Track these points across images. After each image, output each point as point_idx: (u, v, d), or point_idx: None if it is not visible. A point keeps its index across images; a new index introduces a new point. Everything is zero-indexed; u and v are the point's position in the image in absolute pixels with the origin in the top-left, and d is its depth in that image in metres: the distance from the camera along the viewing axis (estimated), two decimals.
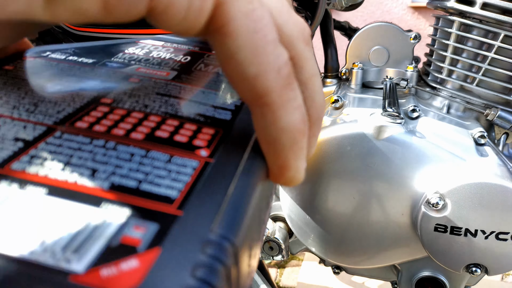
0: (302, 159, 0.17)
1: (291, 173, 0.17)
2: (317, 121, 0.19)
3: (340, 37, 0.80)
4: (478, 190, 0.49)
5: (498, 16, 0.54)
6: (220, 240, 0.12)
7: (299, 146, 0.16)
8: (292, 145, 0.16)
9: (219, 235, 0.12)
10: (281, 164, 0.17)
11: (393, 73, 0.67)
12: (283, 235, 0.63)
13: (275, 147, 0.16)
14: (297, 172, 0.17)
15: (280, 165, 0.17)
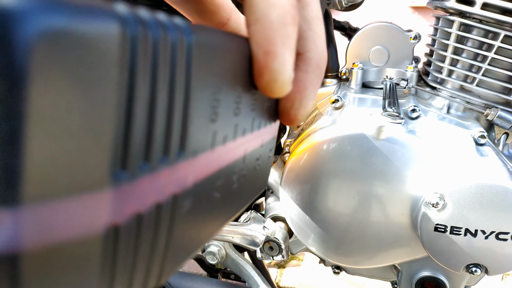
0: (290, 51, 0.16)
1: (276, 63, 0.16)
2: (317, 68, 0.19)
3: (340, 37, 0.80)
4: (478, 190, 0.49)
5: (498, 16, 0.54)
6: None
7: (288, 32, 0.16)
8: (281, 25, 0.15)
9: None
10: (267, 49, 0.16)
11: (393, 73, 0.67)
12: (283, 235, 0.63)
13: (263, 24, 0.15)
14: (283, 66, 0.16)
15: (266, 50, 0.16)
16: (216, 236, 0.39)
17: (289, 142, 0.66)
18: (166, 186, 0.12)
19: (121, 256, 0.11)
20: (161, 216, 0.12)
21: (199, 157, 0.14)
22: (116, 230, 0.10)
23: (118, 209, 0.10)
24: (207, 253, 0.72)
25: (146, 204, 0.11)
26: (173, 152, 0.12)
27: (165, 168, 0.12)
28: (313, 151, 0.55)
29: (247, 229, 0.41)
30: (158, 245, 0.12)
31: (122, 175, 0.10)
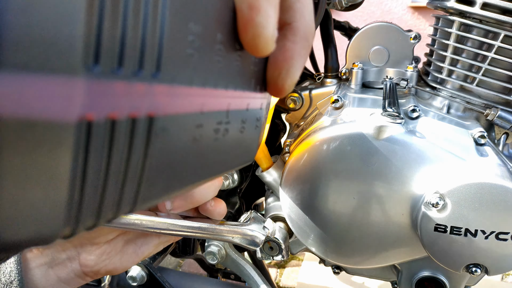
0: (273, 8, 0.17)
1: (260, 18, 0.16)
2: (304, 38, 0.19)
3: (340, 37, 0.80)
4: (478, 190, 0.49)
5: (498, 16, 0.54)
6: None
7: None
8: None
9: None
10: (251, 3, 0.16)
11: (393, 73, 0.67)
12: (283, 235, 0.63)
13: None
14: (267, 21, 0.16)
15: (250, 4, 0.16)
16: (216, 236, 0.39)
17: (289, 142, 0.66)
18: (141, 102, 0.12)
19: (94, 156, 0.11)
20: (136, 132, 0.13)
21: (176, 88, 0.14)
22: (89, 125, 0.11)
23: (91, 102, 0.10)
24: (207, 253, 0.72)
25: (120, 110, 0.12)
26: (148, 69, 0.12)
27: (140, 82, 0.12)
28: (313, 151, 0.55)
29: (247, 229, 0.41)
30: (133, 161, 0.13)
31: (95, 69, 0.10)
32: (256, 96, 0.22)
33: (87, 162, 0.11)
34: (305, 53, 0.20)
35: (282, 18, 0.19)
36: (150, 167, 0.14)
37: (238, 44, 0.18)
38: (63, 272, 0.36)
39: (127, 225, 0.35)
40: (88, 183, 0.11)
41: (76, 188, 0.11)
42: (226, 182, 0.70)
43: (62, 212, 0.11)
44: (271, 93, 0.21)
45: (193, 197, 0.37)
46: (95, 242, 0.37)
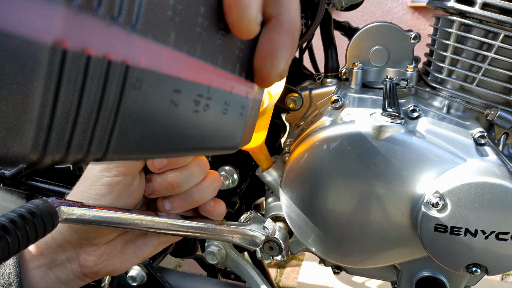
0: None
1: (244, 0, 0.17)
2: (289, 31, 0.20)
3: (340, 37, 0.80)
4: (478, 190, 0.49)
5: (498, 16, 0.54)
6: None
7: None
8: None
9: None
10: None
11: (393, 73, 0.67)
12: (283, 235, 0.63)
13: None
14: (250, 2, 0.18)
15: None
16: (216, 236, 0.39)
17: (289, 142, 0.66)
18: (118, 47, 0.13)
19: (67, 85, 0.11)
20: (111, 75, 0.13)
21: (155, 44, 0.15)
22: (64, 53, 0.11)
23: (67, 30, 0.11)
24: (207, 253, 0.72)
25: (96, 48, 0.12)
26: (127, 17, 0.13)
27: (117, 27, 0.13)
28: (313, 151, 0.55)
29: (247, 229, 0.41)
30: (106, 104, 0.13)
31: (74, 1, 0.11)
32: (242, 82, 0.22)
33: (59, 90, 0.11)
34: (290, 45, 0.21)
35: (268, 11, 0.20)
36: (124, 116, 0.14)
37: (224, 24, 0.19)
38: (62, 273, 0.36)
39: (127, 225, 0.35)
40: (58, 111, 0.12)
41: (46, 112, 0.11)
42: (226, 182, 0.70)
43: (30, 134, 0.11)
44: (258, 82, 0.22)
45: (192, 197, 0.37)
46: (95, 243, 0.37)
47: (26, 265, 0.35)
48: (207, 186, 0.38)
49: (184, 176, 0.36)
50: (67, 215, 0.32)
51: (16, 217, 0.27)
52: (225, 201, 0.41)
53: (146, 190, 0.37)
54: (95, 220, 0.33)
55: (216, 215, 0.39)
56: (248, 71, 0.22)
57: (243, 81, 0.22)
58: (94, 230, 0.36)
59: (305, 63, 0.85)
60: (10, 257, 0.26)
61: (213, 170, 0.40)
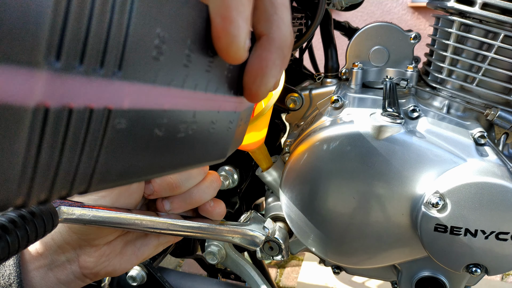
0: (245, 20, 0.18)
1: (232, 28, 0.18)
2: (279, 49, 0.21)
3: (340, 37, 0.80)
4: (478, 190, 0.49)
5: (498, 16, 0.54)
6: None
7: (243, 2, 0.18)
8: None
9: None
10: (224, 14, 0.18)
11: (393, 73, 0.67)
12: (283, 235, 0.63)
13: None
14: (238, 31, 0.18)
15: (223, 15, 0.18)
16: (216, 236, 0.39)
17: (289, 142, 0.66)
18: (100, 96, 0.14)
19: (50, 138, 0.13)
20: (93, 121, 0.14)
21: (138, 85, 0.15)
22: (46, 111, 0.12)
23: (49, 92, 0.12)
24: (207, 253, 0.72)
25: (78, 102, 0.13)
26: (109, 68, 0.14)
27: (99, 79, 0.13)
28: (313, 151, 0.55)
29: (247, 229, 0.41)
30: (88, 146, 0.14)
31: (55, 64, 0.12)
32: (230, 99, 0.23)
33: (42, 142, 0.12)
34: (280, 63, 0.21)
35: (259, 29, 0.21)
36: (106, 153, 0.15)
37: (212, 50, 0.19)
38: (62, 274, 0.36)
39: (127, 225, 0.35)
40: (41, 160, 0.13)
41: (29, 163, 0.12)
42: (226, 182, 0.70)
43: (14, 182, 0.12)
44: (247, 98, 0.23)
45: (192, 198, 0.37)
46: (94, 244, 0.37)
47: (26, 266, 0.35)
48: (207, 187, 0.38)
49: (183, 176, 0.36)
50: (67, 215, 0.32)
51: (16, 217, 0.27)
52: (225, 201, 0.41)
53: (146, 191, 0.37)
54: (95, 220, 0.33)
55: (216, 215, 0.39)
56: (238, 86, 0.23)
57: (232, 98, 0.23)
58: (94, 231, 0.36)
59: (305, 63, 0.85)
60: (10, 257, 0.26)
61: (213, 171, 0.40)
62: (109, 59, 0.14)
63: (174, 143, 0.19)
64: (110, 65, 0.14)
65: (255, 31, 0.21)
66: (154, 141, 0.18)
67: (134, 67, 0.15)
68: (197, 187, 0.37)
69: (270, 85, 0.21)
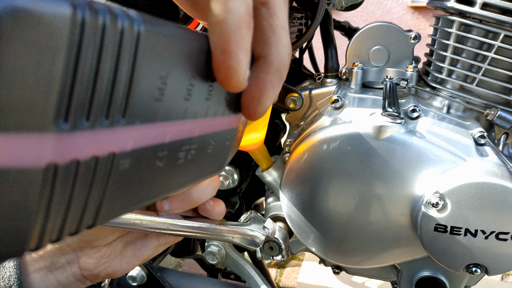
0: (244, 52, 0.19)
1: (232, 61, 0.18)
2: (277, 71, 0.21)
3: (340, 37, 0.80)
4: (478, 190, 0.49)
5: (498, 16, 0.54)
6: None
7: (242, 35, 0.18)
8: (236, 29, 0.18)
9: None
10: (224, 48, 0.18)
11: (393, 73, 0.67)
12: (283, 235, 0.63)
13: (220, 26, 0.18)
14: (238, 64, 0.18)
15: (223, 49, 0.18)
16: (216, 236, 0.39)
17: (289, 142, 0.66)
18: (105, 144, 0.14)
19: (59, 191, 0.13)
20: (99, 168, 0.15)
21: (140, 127, 0.16)
22: (56, 168, 0.13)
23: (58, 151, 0.13)
24: (207, 253, 0.72)
25: (84, 154, 0.14)
26: (114, 118, 0.14)
27: (104, 129, 0.14)
28: (313, 151, 0.55)
29: (247, 229, 0.41)
30: (94, 190, 0.15)
31: (64, 126, 0.13)
32: (229, 119, 0.23)
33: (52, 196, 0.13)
34: (277, 84, 0.22)
35: (258, 50, 0.21)
36: (111, 193, 0.16)
37: (211, 79, 0.20)
38: (62, 276, 0.36)
39: (127, 225, 0.35)
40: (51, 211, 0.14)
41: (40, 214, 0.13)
42: (226, 182, 0.70)
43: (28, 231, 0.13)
44: (245, 116, 0.23)
45: (191, 198, 0.37)
46: (94, 245, 0.37)
47: (26, 268, 0.35)
48: (206, 186, 0.38)
49: None
50: None
51: None
52: (225, 201, 0.41)
53: None
54: None
55: (215, 214, 0.39)
56: (236, 105, 0.23)
57: (230, 117, 0.23)
58: (94, 232, 0.36)
59: (305, 63, 0.85)
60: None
61: None
62: (114, 111, 0.14)
63: (174, 170, 0.20)
64: (115, 116, 0.14)
65: (253, 52, 0.22)
66: (156, 173, 0.18)
67: (137, 113, 0.15)
68: (196, 187, 0.38)
69: (267, 105, 0.22)
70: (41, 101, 0.12)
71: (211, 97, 0.20)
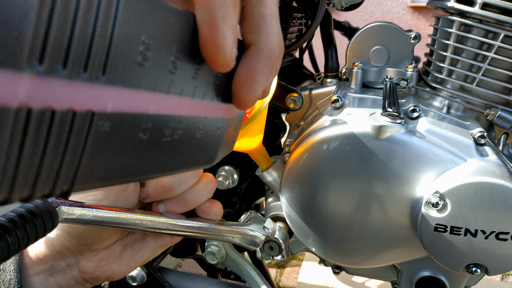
0: (230, 29, 0.19)
1: (218, 37, 0.18)
2: (267, 58, 0.21)
3: (340, 37, 0.80)
4: (478, 190, 0.49)
5: (498, 16, 0.54)
6: None
7: (228, 11, 0.18)
8: (222, 5, 0.18)
9: None
10: (210, 23, 0.18)
11: (393, 73, 0.67)
12: (283, 235, 0.63)
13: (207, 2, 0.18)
14: (224, 40, 0.19)
15: (209, 24, 0.18)
16: (216, 236, 0.39)
17: (289, 142, 0.66)
18: (83, 99, 0.14)
19: (32, 138, 0.13)
20: (76, 123, 0.14)
21: (122, 90, 0.16)
22: (29, 112, 0.12)
23: (31, 94, 0.12)
24: (207, 253, 0.72)
25: (60, 104, 0.13)
26: (93, 72, 0.14)
27: (83, 83, 0.14)
28: (313, 151, 0.55)
29: (247, 229, 0.41)
30: (71, 148, 0.15)
31: (38, 67, 0.12)
32: (219, 106, 0.23)
33: (24, 141, 0.13)
34: (268, 72, 0.22)
35: (248, 38, 0.21)
36: (89, 154, 0.15)
37: (199, 58, 0.20)
38: (63, 279, 0.37)
39: (127, 225, 0.35)
40: (23, 158, 0.13)
41: (12, 160, 0.13)
42: (226, 182, 0.70)
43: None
44: (236, 105, 0.23)
45: (186, 201, 0.37)
46: (94, 248, 0.37)
47: (26, 272, 0.35)
48: (201, 189, 0.38)
49: (176, 179, 0.36)
50: (67, 215, 0.32)
51: (16, 217, 0.27)
52: (225, 201, 0.41)
53: (141, 194, 0.37)
54: (95, 220, 0.33)
55: (213, 215, 0.39)
56: (226, 94, 0.23)
57: (220, 105, 0.23)
58: (93, 235, 0.36)
59: (305, 63, 0.85)
60: (10, 257, 0.26)
61: (208, 173, 0.40)
62: (93, 64, 0.14)
63: (159, 147, 0.20)
64: (94, 70, 0.14)
65: (244, 40, 0.22)
66: (139, 144, 0.18)
67: (118, 72, 0.15)
68: (191, 189, 0.38)
69: (258, 93, 0.22)
70: (14, 36, 0.11)
71: (198, 76, 0.20)
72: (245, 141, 0.53)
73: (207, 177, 0.39)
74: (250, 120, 0.47)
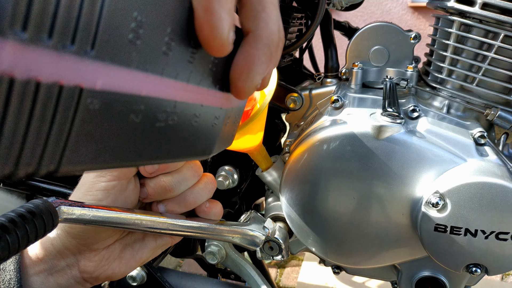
0: (227, 12, 0.18)
1: (214, 20, 0.18)
2: (266, 46, 0.21)
3: (340, 37, 0.80)
4: (478, 190, 0.49)
5: (498, 16, 0.54)
6: None
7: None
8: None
9: None
10: (206, 6, 0.18)
11: (393, 73, 0.67)
12: (283, 235, 0.63)
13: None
14: (220, 23, 0.18)
15: (205, 7, 0.18)
16: (216, 236, 0.39)
17: (289, 142, 0.66)
18: (70, 73, 0.13)
19: (15, 110, 0.12)
20: (63, 98, 0.13)
21: (112, 67, 0.15)
22: (12, 81, 0.12)
23: (15, 62, 0.12)
24: (207, 253, 0.72)
25: (46, 76, 0.13)
26: (81, 45, 0.13)
27: (70, 56, 0.13)
28: (313, 151, 0.55)
29: (247, 229, 0.41)
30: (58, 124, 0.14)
31: (21, 35, 0.11)
32: (216, 95, 0.23)
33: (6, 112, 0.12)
34: (266, 60, 0.21)
35: (246, 26, 0.21)
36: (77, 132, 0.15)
37: (195, 42, 0.19)
38: (62, 279, 0.37)
39: (127, 225, 0.35)
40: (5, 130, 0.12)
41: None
42: (226, 182, 0.70)
43: None
44: (233, 94, 0.23)
45: (186, 201, 0.37)
46: (93, 248, 0.37)
47: (26, 271, 0.35)
48: (201, 189, 0.38)
49: (176, 179, 0.36)
50: (67, 215, 0.32)
51: (16, 217, 0.27)
52: (225, 201, 0.41)
53: (140, 194, 0.37)
54: (95, 220, 0.33)
55: (212, 215, 0.39)
56: (224, 83, 0.22)
57: (217, 93, 0.23)
58: (92, 235, 0.36)
59: (305, 63, 0.85)
60: (10, 256, 0.26)
61: (208, 173, 0.40)
62: (81, 37, 0.13)
63: (153, 132, 0.19)
64: (82, 43, 0.13)
65: (243, 28, 0.21)
66: (130, 127, 0.17)
67: (108, 48, 0.14)
68: (191, 189, 0.38)
69: (256, 82, 0.22)
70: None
71: (194, 61, 0.20)
72: (245, 141, 0.53)
73: (207, 177, 0.39)
74: (250, 120, 0.47)
